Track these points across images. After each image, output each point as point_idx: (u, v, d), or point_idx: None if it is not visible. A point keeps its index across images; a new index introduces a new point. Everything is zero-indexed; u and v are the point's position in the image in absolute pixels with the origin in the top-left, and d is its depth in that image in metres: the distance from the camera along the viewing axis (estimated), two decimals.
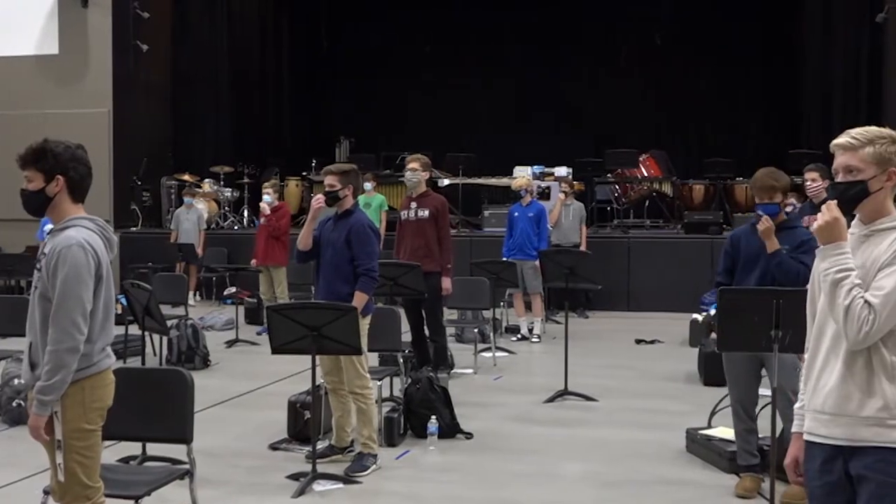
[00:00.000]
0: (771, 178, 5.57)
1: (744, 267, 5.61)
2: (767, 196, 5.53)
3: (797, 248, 5.41)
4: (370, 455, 6.17)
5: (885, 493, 2.94)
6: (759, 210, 5.59)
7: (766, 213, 5.52)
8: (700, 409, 7.52)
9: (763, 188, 5.57)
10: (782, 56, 17.80)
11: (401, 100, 19.40)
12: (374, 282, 6.26)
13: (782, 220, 5.57)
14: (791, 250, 5.41)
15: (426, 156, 8.95)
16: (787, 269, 5.36)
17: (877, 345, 2.95)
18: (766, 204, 5.53)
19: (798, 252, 5.39)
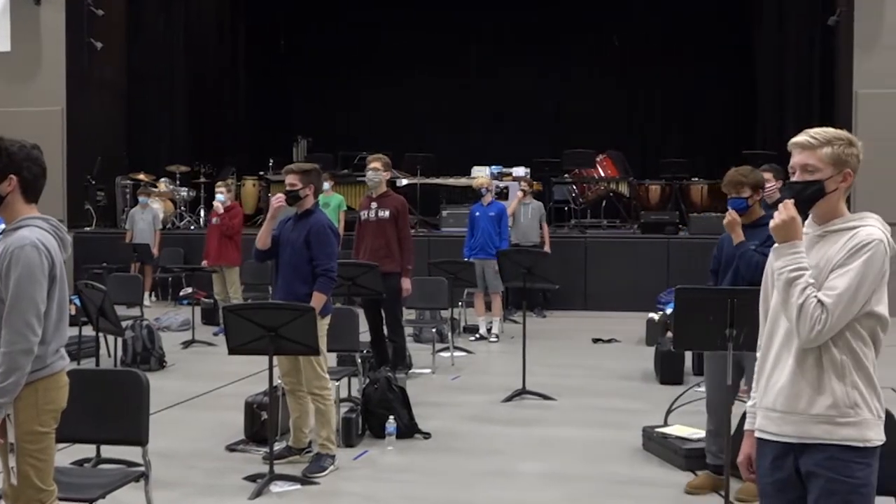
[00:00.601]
0: (739, 173, 5.69)
1: (724, 267, 5.70)
2: (735, 191, 5.64)
3: (763, 243, 5.50)
4: (328, 456, 6.14)
5: (834, 489, 2.99)
6: (728, 204, 5.70)
7: (732, 206, 5.63)
8: (656, 408, 7.60)
9: (730, 182, 5.68)
10: (737, 58, 17.99)
11: (359, 99, 19.34)
12: (333, 282, 6.25)
13: (758, 217, 5.64)
14: (758, 245, 5.50)
15: (385, 155, 8.93)
16: (748, 261, 5.47)
17: (827, 344, 3.00)
18: (734, 198, 5.64)
19: (763, 246, 5.48)
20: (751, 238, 5.55)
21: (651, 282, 12.86)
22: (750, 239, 5.54)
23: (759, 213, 5.66)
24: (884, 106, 13.23)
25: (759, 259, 5.33)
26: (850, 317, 2.97)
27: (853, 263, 2.97)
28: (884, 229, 3.05)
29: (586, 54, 19.23)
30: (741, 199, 5.60)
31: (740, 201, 5.60)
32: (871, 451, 3.01)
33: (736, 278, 5.53)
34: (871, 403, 3.02)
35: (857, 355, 3.01)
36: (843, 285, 2.95)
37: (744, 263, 5.48)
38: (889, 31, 13.39)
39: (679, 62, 18.58)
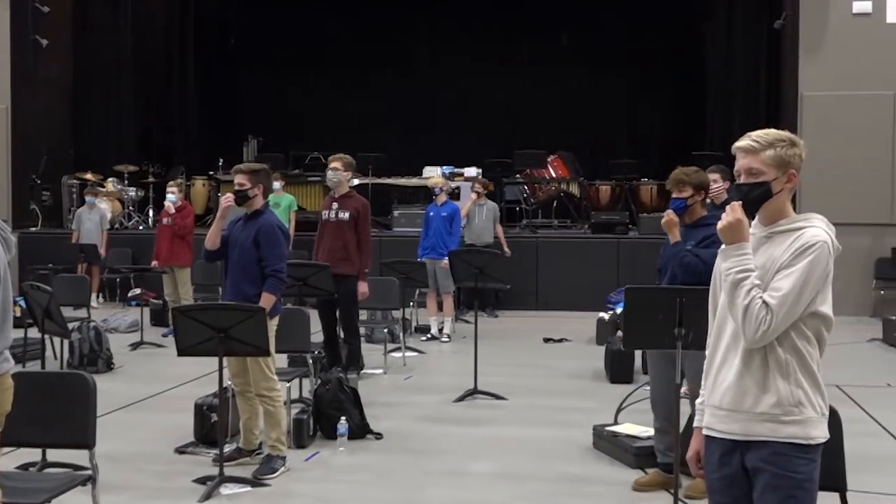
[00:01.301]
0: (683, 172, 5.75)
1: (665, 266, 5.77)
2: (676, 190, 5.70)
3: (699, 243, 5.57)
4: (279, 457, 6.11)
5: (778, 484, 3.04)
6: (669, 204, 5.77)
7: (672, 206, 5.70)
8: (607, 406, 7.66)
9: (673, 181, 5.75)
10: (686, 59, 18.17)
11: (310, 99, 19.24)
12: (282, 283, 6.21)
13: (699, 217, 5.71)
14: (694, 246, 5.57)
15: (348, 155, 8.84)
16: (680, 261, 5.57)
17: (773, 343, 3.04)
18: (674, 198, 5.71)
19: (698, 246, 5.56)
20: (688, 238, 5.63)
21: (601, 281, 12.95)
22: (687, 239, 5.62)
23: (701, 214, 5.72)
24: (828, 108, 13.46)
25: (690, 260, 5.44)
26: (794, 317, 3.01)
27: (798, 265, 3.01)
28: (829, 230, 3.10)
29: (536, 54, 19.31)
30: (681, 200, 5.67)
31: (679, 201, 5.67)
32: (814, 448, 3.06)
33: (673, 278, 5.62)
34: (815, 402, 3.07)
35: (801, 355, 3.06)
36: (788, 286, 3.00)
37: (676, 264, 5.58)
38: (833, 34, 13.62)
39: (629, 63, 18.73)
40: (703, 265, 5.45)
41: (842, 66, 13.49)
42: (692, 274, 5.42)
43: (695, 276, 5.42)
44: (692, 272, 5.45)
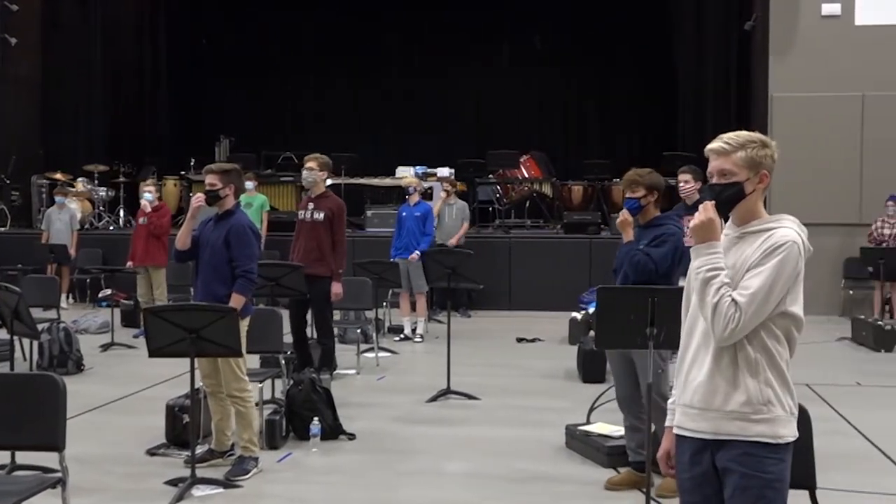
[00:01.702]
0: (636, 173, 5.82)
1: (620, 265, 5.82)
2: (630, 190, 5.78)
3: (650, 243, 5.64)
4: (251, 458, 6.09)
5: (748, 484, 3.07)
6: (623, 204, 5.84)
7: (626, 206, 5.78)
8: (579, 406, 7.70)
9: (626, 181, 5.83)
10: (657, 61, 18.27)
11: (283, 98, 19.18)
12: (253, 284, 6.18)
13: (652, 217, 5.77)
14: (645, 245, 5.63)
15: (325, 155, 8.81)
16: (630, 260, 5.66)
17: (743, 342, 3.07)
18: (627, 198, 5.79)
19: (650, 245, 5.62)
20: (641, 238, 5.72)
21: (574, 281, 13.00)
22: (641, 239, 5.71)
23: (654, 214, 5.80)
24: (798, 109, 13.58)
25: (640, 258, 5.54)
26: (763, 316, 3.04)
27: (767, 264, 3.04)
28: (799, 231, 3.13)
29: (509, 55, 19.36)
30: (634, 200, 5.74)
31: (633, 202, 5.75)
32: (783, 447, 3.09)
33: (626, 277, 5.71)
34: (783, 401, 3.10)
35: (771, 354, 3.09)
36: (757, 285, 3.02)
37: (627, 262, 5.67)
38: (802, 36, 13.75)
39: (601, 64, 18.82)
40: (653, 264, 5.53)
41: (811, 68, 13.62)
42: (642, 272, 5.55)
43: (644, 274, 5.54)
44: (642, 270, 5.56)
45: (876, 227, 12.46)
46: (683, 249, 5.71)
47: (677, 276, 5.75)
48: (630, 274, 5.64)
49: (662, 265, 5.57)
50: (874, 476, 6.16)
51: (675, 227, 5.72)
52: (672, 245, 5.59)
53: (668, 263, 5.59)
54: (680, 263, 5.69)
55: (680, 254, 5.64)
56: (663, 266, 5.57)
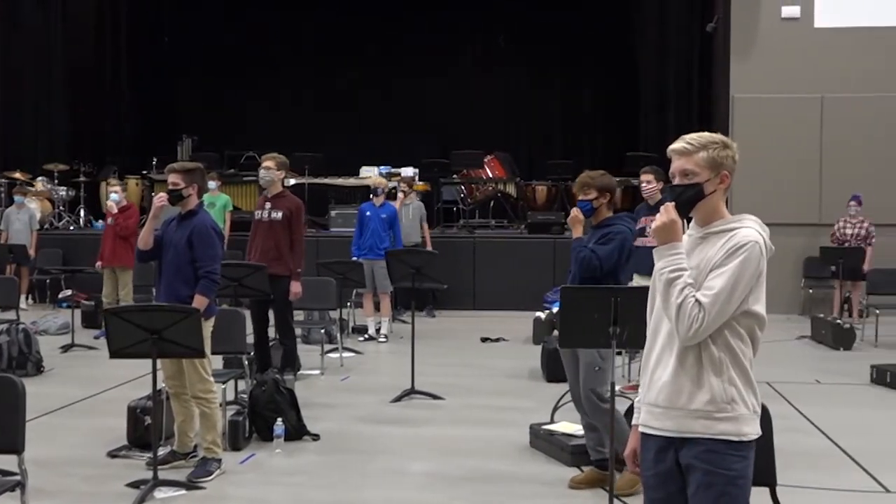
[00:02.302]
0: (588, 175, 5.92)
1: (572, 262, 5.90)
2: (582, 193, 5.87)
3: (598, 240, 5.72)
4: (214, 460, 6.05)
5: (712, 481, 3.09)
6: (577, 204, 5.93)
7: (579, 207, 5.87)
8: (543, 405, 7.72)
9: (578, 184, 5.92)
10: (621, 61, 18.37)
11: (246, 98, 19.04)
12: (215, 284, 6.14)
13: (603, 218, 5.85)
14: (594, 243, 5.71)
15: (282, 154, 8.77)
16: (576, 256, 5.75)
17: (707, 341, 3.10)
18: (580, 200, 5.88)
19: (597, 244, 5.71)
20: (592, 237, 5.82)
21: (538, 281, 13.05)
22: (590, 238, 5.82)
23: (606, 215, 5.89)
24: (758, 110, 13.74)
25: (586, 255, 5.69)
26: (726, 316, 3.07)
27: (729, 264, 3.07)
28: (761, 231, 3.16)
29: (473, 56, 19.38)
30: (586, 202, 5.85)
31: (585, 203, 5.85)
32: (746, 445, 3.12)
33: (574, 275, 5.82)
34: (747, 399, 3.13)
35: (734, 353, 3.12)
36: (720, 285, 3.05)
37: (573, 258, 5.78)
38: (763, 38, 13.90)
39: (564, 64, 18.90)
40: (598, 261, 5.63)
41: (771, 69, 13.78)
42: (587, 269, 5.67)
43: (589, 270, 5.66)
44: (587, 267, 5.68)
45: (838, 228, 12.61)
46: (631, 248, 5.87)
47: (625, 273, 5.95)
48: (576, 270, 5.75)
49: (607, 262, 5.67)
50: (833, 473, 6.24)
51: (623, 227, 5.83)
52: (618, 243, 5.69)
53: (614, 261, 5.70)
54: (627, 262, 5.80)
55: (627, 252, 5.77)
56: (608, 263, 5.67)
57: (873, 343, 11.20)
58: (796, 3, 13.86)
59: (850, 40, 13.71)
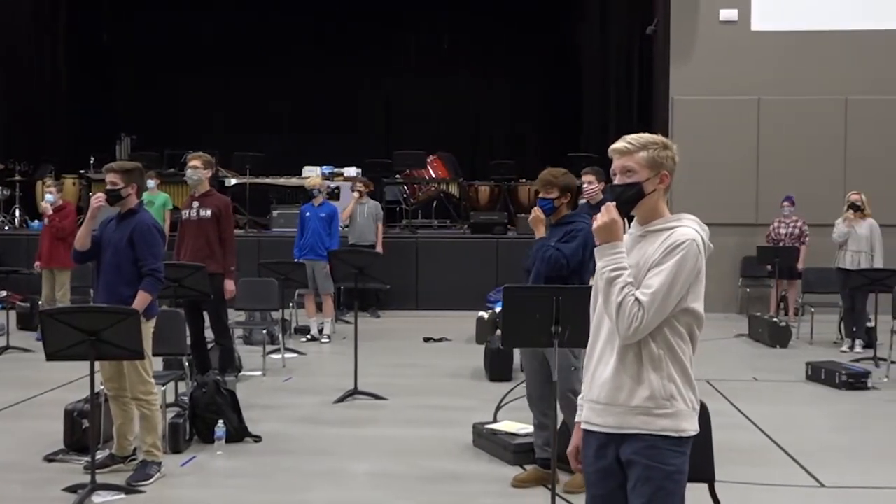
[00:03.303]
0: (551, 173, 5.93)
1: (532, 264, 5.90)
2: (544, 191, 5.89)
3: (561, 238, 5.76)
4: (154, 463, 5.97)
5: (650, 476, 3.14)
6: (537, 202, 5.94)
7: (540, 205, 5.89)
8: (486, 405, 7.76)
9: (541, 181, 5.93)
10: (563, 62, 18.51)
11: (186, 96, 18.81)
12: (160, 283, 6.06)
13: (564, 216, 5.86)
14: (557, 241, 5.74)
15: (211, 154, 8.74)
16: (543, 255, 5.76)
17: (647, 339, 3.14)
18: (541, 198, 5.90)
19: (561, 242, 5.74)
20: (553, 236, 5.85)
21: (481, 281, 13.08)
22: (552, 237, 5.84)
23: (565, 213, 5.91)
24: (697, 111, 13.94)
25: (553, 254, 5.69)
26: (665, 314, 3.11)
27: (667, 262, 3.11)
28: (699, 229, 3.21)
29: (416, 55, 19.37)
30: (548, 200, 5.87)
31: (547, 202, 5.87)
32: (685, 441, 3.17)
33: (538, 274, 5.81)
34: (686, 396, 3.18)
35: (673, 350, 3.16)
36: (658, 283, 3.10)
37: (540, 258, 5.79)
38: (702, 40, 14.11)
39: (507, 65, 18.97)
40: (565, 259, 5.66)
41: (710, 72, 14.00)
42: (555, 268, 5.69)
43: (557, 269, 5.68)
44: (554, 266, 5.69)
45: (773, 228, 12.84)
46: (594, 245, 5.84)
47: (589, 271, 5.89)
48: (542, 270, 5.75)
49: (573, 260, 5.69)
50: (770, 468, 6.36)
51: (584, 223, 5.83)
52: (582, 239, 5.71)
53: (580, 258, 5.72)
54: (591, 258, 5.81)
55: (591, 249, 5.76)
56: (574, 261, 5.70)
57: (808, 341, 11.43)
58: (734, 6, 14.09)
59: (787, 43, 13.98)
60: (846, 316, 11.04)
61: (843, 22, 13.95)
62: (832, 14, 13.99)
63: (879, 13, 13.93)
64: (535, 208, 5.90)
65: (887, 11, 13.93)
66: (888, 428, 7.60)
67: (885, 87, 13.79)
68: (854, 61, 13.85)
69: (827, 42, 13.92)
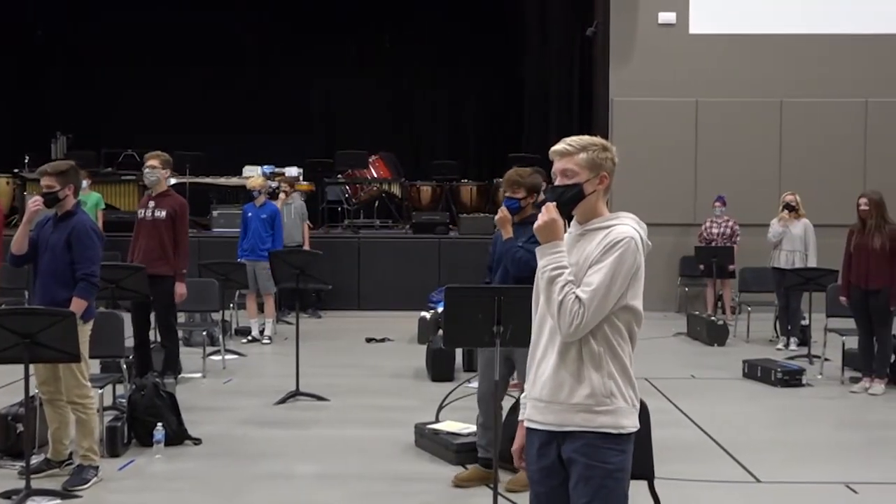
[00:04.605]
0: (517, 173, 5.96)
1: (497, 262, 5.92)
2: (511, 190, 5.90)
3: (528, 240, 5.78)
4: (91, 467, 5.87)
5: (591, 474, 3.17)
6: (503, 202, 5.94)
7: (506, 205, 5.89)
8: (428, 405, 7.77)
9: (507, 181, 5.95)
10: (504, 63, 18.57)
11: (123, 94, 18.48)
12: (95, 287, 5.96)
13: (529, 216, 5.88)
14: (524, 242, 5.76)
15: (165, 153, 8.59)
16: (512, 257, 5.76)
17: (587, 336, 3.17)
18: (507, 198, 5.91)
19: (528, 242, 5.76)
20: (519, 235, 5.84)
21: (423, 281, 13.09)
22: (518, 236, 5.83)
23: (530, 213, 5.92)
24: (637, 113, 14.11)
25: (522, 254, 5.67)
26: (605, 311, 3.14)
27: (606, 260, 3.15)
28: (639, 228, 3.26)
29: (358, 55, 19.30)
30: (514, 200, 5.88)
31: (513, 201, 5.88)
32: (625, 438, 3.20)
33: (505, 273, 5.78)
34: (625, 393, 3.21)
35: (613, 347, 3.20)
36: (598, 281, 3.13)
37: (509, 259, 5.79)
38: (641, 43, 14.28)
39: (449, 65, 18.98)
40: (535, 260, 5.64)
41: (649, 74, 14.17)
42: (524, 269, 5.62)
43: (527, 270, 5.62)
44: (524, 266, 5.67)
45: (705, 227, 13.03)
46: None
47: None
48: (511, 270, 5.72)
49: None
50: (708, 465, 6.46)
51: None
52: None
53: None
54: None
55: None
56: None
57: (745, 339, 11.62)
58: (672, 9, 14.28)
59: (724, 46, 14.20)
60: (781, 314, 11.25)
61: (779, 26, 14.22)
62: (768, 18, 14.25)
63: (814, 18, 14.22)
64: (502, 208, 5.89)
65: (822, 16, 14.23)
66: (822, 424, 7.76)
67: (819, 89, 14.09)
68: (789, 65, 14.13)
69: (763, 45, 14.18)
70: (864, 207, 8.75)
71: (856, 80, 14.09)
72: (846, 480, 6.08)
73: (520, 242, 5.77)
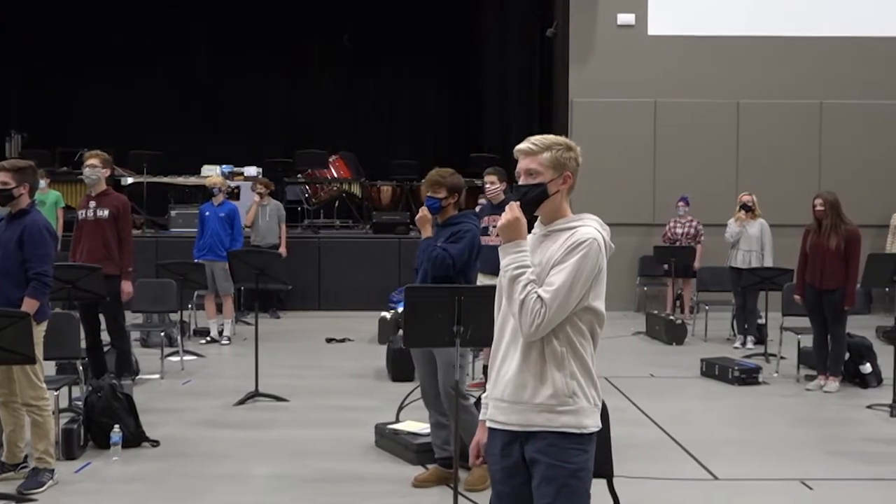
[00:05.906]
0: (438, 174, 5.99)
1: (420, 263, 5.94)
2: (432, 190, 5.94)
3: (448, 238, 5.81)
4: (46, 470, 5.80)
5: (553, 474, 3.18)
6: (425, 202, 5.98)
7: (427, 205, 5.94)
8: (389, 405, 7.76)
9: (428, 182, 5.99)
10: (465, 64, 18.62)
11: (80, 93, 18.27)
12: (47, 287, 5.87)
13: (450, 217, 5.93)
14: (444, 241, 5.79)
15: (108, 153, 8.52)
16: (429, 255, 5.81)
17: (549, 336, 3.18)
18: (429, 197, 5.95)
19: (447, 242, 5.80)
20: (440, 236, 5.90)
21: (383, 281, 13.09)
22: (439, 237, 5.89)
23: (452, 214, 5.97)
24: (596, 113, 14.18)
25: (439, 253, 5.77)
26: (567, 311, 3.15)
27: (569, 261, 3.16)
28: (601, 229, 3.27)
29: (318, 54, 19.24)
30: (435, 199, 5.93)
31: (434, 201, 5.93)
32: (587, 438, 3.22)
33: (425, 273, 5.85)
34: (588, 392, 3.23)
35: (575, 347, 3.21)
36: (560, 281, 3.14)
37: (427, 258, 5.84)
38: (600, 44, 14.36)
39: (410, 64, 19.00)
40: (451, 259, 5.73)
41: (608, 74, 14.26)
42: (441, 267, 5.75)
43: (443, 269, 5.74)
44: (440, 266, 5.75)
45: (669, 227, 13.12)
46: (479, 245, 5.96)
47: (475, 270, 6.02)
48: (429, 269, 5.80)
49: (459, 260, 5.76)
50: (666, 462, 6.51)
51: (471, 224, 5.93)
52: (469, 241, 5.79)
53: (465, 258, 5.80)
54: (476, 258, 5.91)
55: (477, 249, 5.87)
56: (460, 261, 5.77)
57: (703, 338, 11.73)
58: (631, 10, 14.38)
59: (682, 48, 14.33)
60: (738, 313, 11.36)
61: (737, 28, 14.37)
62: (726, 20, 14.40)
63: (770, 20, 14.39)
64: (423, 208, 5.95)
65: (778, 19, 14.40)
66: (778, 421, 7.86)
67: (775, 91, 14.26)
68: (746, 66, 14.29)
69: (721, 47, 14.33)
70: (819, 208, 8.87)
71: (811, 82, 14.29)
72: (802, 477, 6.16)
73: (439, 242, 5.82)
